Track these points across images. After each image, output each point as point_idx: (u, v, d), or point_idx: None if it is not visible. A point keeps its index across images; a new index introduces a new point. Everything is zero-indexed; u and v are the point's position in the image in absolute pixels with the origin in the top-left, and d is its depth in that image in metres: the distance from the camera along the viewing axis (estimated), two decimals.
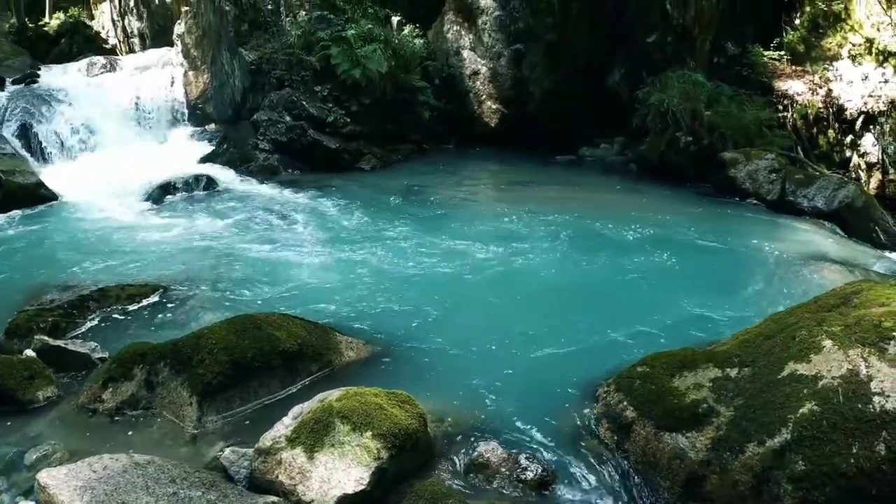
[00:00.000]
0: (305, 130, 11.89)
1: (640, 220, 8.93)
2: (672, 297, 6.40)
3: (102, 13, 21.41)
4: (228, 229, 8.52)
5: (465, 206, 9.60)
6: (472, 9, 13.38)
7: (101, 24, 21.43)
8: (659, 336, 5.41)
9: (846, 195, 10.08)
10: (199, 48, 13.87)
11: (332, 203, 9.61)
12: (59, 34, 19.96)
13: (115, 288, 6.23)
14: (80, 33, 20.18)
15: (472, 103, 13.64)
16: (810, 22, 12.60)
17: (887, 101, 11.56)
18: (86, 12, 22.10)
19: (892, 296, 4.06)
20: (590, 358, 5.08)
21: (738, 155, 10.98)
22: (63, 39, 19.72)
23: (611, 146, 13.17)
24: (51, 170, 11.51)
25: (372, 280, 6.71)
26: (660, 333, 5.48)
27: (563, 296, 6.50)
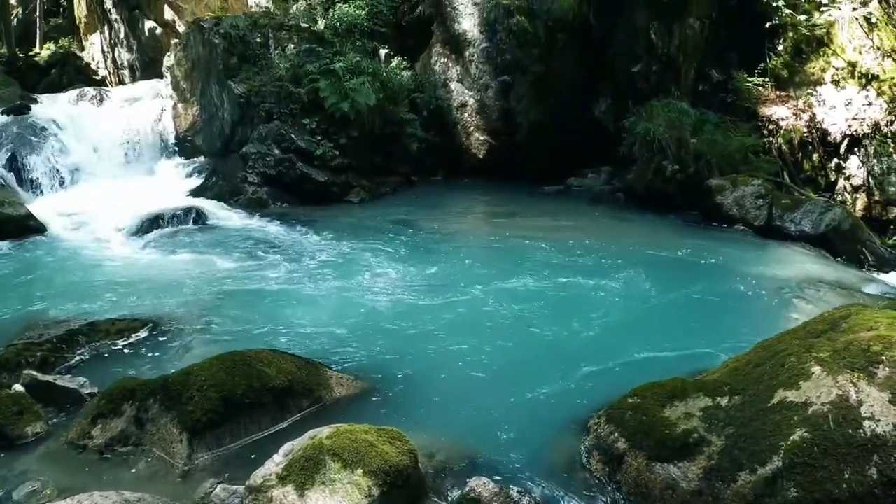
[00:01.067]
0: (294, 163, 11.91)
1: (628, 249, 8.96)
2: (661, 326, 6.41)
3: (93, 44, 21.53)
4: (218, 264, 8.49)
5: (454, 239, 9.61)
6: (460, 41, 13.50)
7: (91, 55, 21.54)
8: (649, 365, 5.41)
9: (833, 218, 10.16)
10: (188, 81, 13.92)
11: (321, 237, 9.60)
12: (49, 65, 20.05)
13: (104, 323, 6.22)
14: (70, 64, 20.28)
15: (460, 135, 13.70)
16: (793, 48, 12.73)
17: (871, 123, 11.67)
18: (76, 43, 22.23)
19: (880, 320, 4.09)
20: (580, 389, 5.07)
21: (724, 182, 11.06)
22: (53, 70, 19.81)
23: (598, 176, 13.25)
24: (40, 201, 11.51)
25: (362, 314, 6.70)
26: (650, 363, 5.49)
27: (552, 327, 6.49)
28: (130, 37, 20.09)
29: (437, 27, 13.86)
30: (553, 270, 8.07)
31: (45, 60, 20.32)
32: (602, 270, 8.11)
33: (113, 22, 20.52)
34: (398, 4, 14.00)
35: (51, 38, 22.57)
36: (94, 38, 21.50)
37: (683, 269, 8.29)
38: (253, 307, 6.91)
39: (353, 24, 13.58)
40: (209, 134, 13.51)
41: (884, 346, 3.79)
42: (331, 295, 7.26)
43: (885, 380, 3.58)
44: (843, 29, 12.16)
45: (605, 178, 13.14)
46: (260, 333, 6.20)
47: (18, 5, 24.12)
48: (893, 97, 11.54)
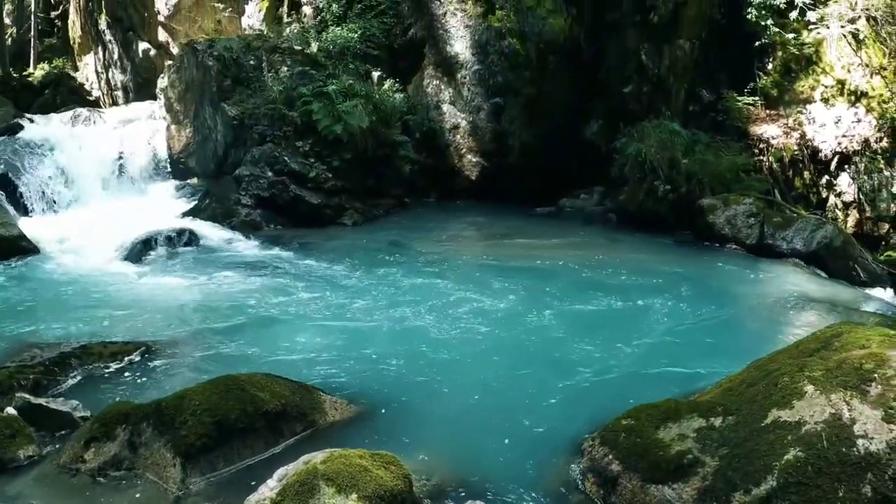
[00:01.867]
0: (287, 186, 11.92)
1: (620, 269, 8.99)
2: (654, 345, 6.42)
3: (87, 65, 21.58)
4: (210, 286, 8.48)
5: (447, 262, 9.60)
6: (452, 63, 13.58)
7: (85, 75, 21.59)
8: (643, 384, 5.42)
9: (824, 235, 10.22)
10: (181, 102, 13.95)
11: (314, 260, 9.58)
12: (43, 85, 20.04)
13: (97, 345, 6.18)
14: (64, 84, 20.28)
15: (453, 157, 13.75)
16: (782, 66, 12.85)
17: (860, 140, 11.78)
18: (70, 64, 22.27)
19: (871, 337, 4.11)
20: (574, 410, 5.07)
21: (716, 201, 11.12)
22: (47, 90, 19.79)
23: (590, 196, 13.31)
24: (32, 221, 11.45)
25: (355, 337, 6.69)
26: (643, 382, 5.49)
27: (545, 348, 6.49)
28: (124, 58, 20.17)
29: (430, 50, 13.95)
30: (545, 292, 8.09)
31: (39, 80, 20.33)
32: (594, 292, 8.12)
33: (107, 43, 20.61)
34: (390, 27, 14.08)
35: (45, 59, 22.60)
36: (88, 59, 21.57)
37: (676, 289, 8.30)
38: (246, 330, 6.89)
39: (346, 46, 13.64)
40: (202, 156, 13.52)
41: (876, 363, 3.80)
42: (324, 318, 7.25)
43: (878, 397, 3.59)
44: (832, 47, 12.28)
45: (597, 199, 13.20)
46: (253, 357, 6.18)
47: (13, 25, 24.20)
48: (882, 114, 11.65)
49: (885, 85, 11.79)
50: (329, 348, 6.39)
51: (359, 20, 14.01)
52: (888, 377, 3.69)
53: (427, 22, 13.88)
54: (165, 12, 18.01)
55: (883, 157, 11.68)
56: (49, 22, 24.57)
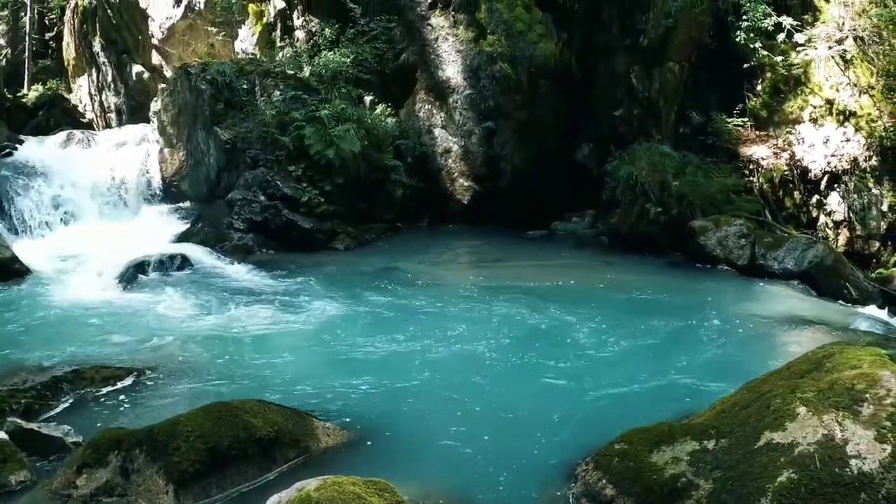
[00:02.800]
0: (280, 210, 11.93)
1: (613, 292, 9.01)
2: (647, 368, 6.43)
3: (80, 87, 21.62)
4: (203, 311, 8.46)
5: (439, 286, 9.58)
6: (443, 88, 13.66)
7: (78, 97, 21.63)
8: (635, 409, 5.41)
9: (815, 255, 10.28)
10: (174, 126, 13.99)
11: (306, 285, 9.55)
12: (36, 106, 20.04)
13: (89, 370, 6.16)
14: (57, 106, 20.29)
15: (445, 181, 13.78)
16: (771, 87, 12.96)
17: (850, 159, 11.86)
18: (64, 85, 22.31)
19: (863, 358, 4.13)
20: (568, 435, 5.06)
21: (707, 223, 11.17)
22: (41, 112, 19.79)
23: (582, 219, 13.35)
24: (25, 243, 11.45)
25: (348, 363, 6.67)
26: (636, 406, 5.49)
27: (538, 372, 6.48)
28: (118, 80, 20.23)
29: (421, 74, 14.03)
30: (538, 316, 8.10)
31: (33, 102, 20.34)
32: (587, 315, 8.12)
33: (101, 65, 20.67)
34: (383, 52, 14.16)
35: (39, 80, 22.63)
36: (82, 81, 21.62)
37: (669, 311, 8.32)
38: (238, 355, 6.88)
39: (338, 71, 13.71)
40: (195, 179, 13.54)
41: (868, 383, 3.82)
42: (317, 344, 7.23)
43: (870, 417, 3.61)
44: (820, 67, 12.40)
45: (589, 221, 13.24)
46: (246, 382, 6.16)
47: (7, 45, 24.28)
48: (871, 132, 11.74)
49: (873, 104, 11.90)
50: (322, 374, 6.37)
51: (351, 45, 14.08)
52: (880, 397, 3.71)
53: (419, 47, 13.98)
54: (159, 35, 18.11)
55: (872, 175, 11.76)
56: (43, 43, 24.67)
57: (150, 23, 18.24)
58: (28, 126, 18.26)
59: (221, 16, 16.08)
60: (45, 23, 24.74)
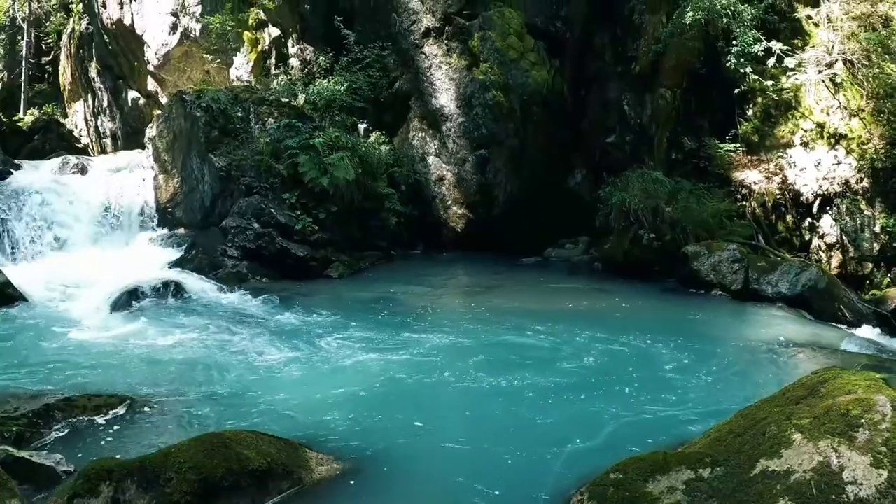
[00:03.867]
0: (274, 238, 11.93)
1: (607, 319, 9.00)
2: (642, 397, 6.39)
3: (76, 112, 21.75)
4: (197, 339, 8.41)
5: (433, 316, 9.54)
6: (437, 116, 13.74)
7: (74, 122, 21.76)
8: (630, 437, 5.37)
9: (809, 278, 10.30)
10: (169, 152, 14.02)
11: (300, 313, 9.51)
12: (32, 130, 20.17)
13: (82, 398, 6.09)
14: (53, 131, 20.42)
15: (439, 208, 13.82)
16: (762, 112, 13.07)
17: (841, 181, 11.94)
18: (60, 110, 22.47)
19: (858, 382, 4.12)
20: (562, 465, 5.02)
21: (700, 248, 11.20)
22: (36, 136, 19.91)
23: (575, 246, 13.40)
24: (19, 268, 11.41)
25: (341, 393, 6.62)
26: (631, 434, 5.45)
27: (533, 400, 6.44)
28: (113, 106, 20.36)
29: (415, 102, 14.13)
30: (532, 344, 8.07)
31: (29, 126, 20.48)
32: (581, 343, 8.11)
33: (97, 91, 20.82)
34: (377, 80, 14.27)
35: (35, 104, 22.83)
36: (78, 106, 21.75)
37: (662, 338, 8.29)
38: (232, 384, 6.82)
39: (333, 99, 13.80)
40: (190, 206, 13.55)
41: (863, 409, 3.81)
42: (310, 373, 7.18)
43: (866, 443, 3.60)
44: (810, 91, 12.51)
45: (583, 248, 13.29)
46: (239, 412, 6.11)
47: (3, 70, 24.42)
48: (862, 155, 11.83)
49: (863, 126, 12.00)
50: (315, 404, 6.32)
51: (345, 73, 14.19)
52: (875, 422, 3.70)
53: (413, 75, 14.09)
54: (155, 62, 18.19)
55: (864, 197, 11.83)
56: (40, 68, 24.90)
57: (146, 49, 18.34)
58: (24, 150, 18.37)
59: (217, 43, 16.17)
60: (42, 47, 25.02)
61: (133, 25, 18.35)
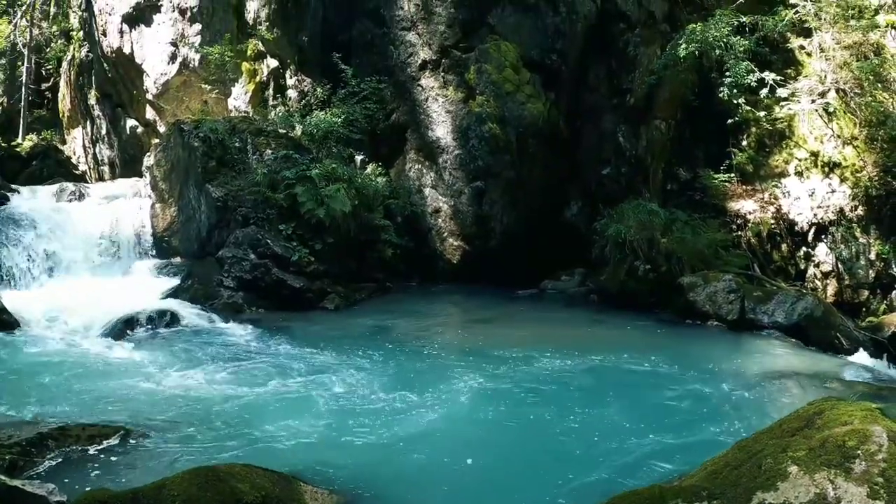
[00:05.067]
0: (270, 269, 11.91)
1: (604, 351, 8.95)
2: (638, 430, 6.37)
3: (75, 139, 21.83)
4: (191, 370, 8.37)
5: (430, 348, 9.48)
6: (433, 148, 13.80)
7: (72, 149, 21.83)
8: (626, 471, 5.35)
9: (805, 307, 10.31)
10: (167, 181, 14.04)
11: (296, 345, 9.45)
12: (30, 156, 20.28)
13: (75, 427, 6.05)
14: (51, 157, 20.54)
15: (435, 240, 13.82)
16: (756, 142, 13.16)
17: (836, 210, 12.00)
18: (58, 136, 22.57)
19: (854, 413, 4.12)
20: (557, 499, 4.98)
21: (696, 279, 11.21)
22: (34, 162, 20.03)
23: (571, 278, 13.39)
24: (13, 295, 11.37)
25: (337, 426, 6.57)
26: (627, 469, 5.43)
27: (530, 435, 6.41)
28: (112, 133, 20.44)
29: (412, 134, 14.20)
30: (529, 378, 8.02)
31: (27, 151, 20.58)
32: (577, 375, 8.09)
33: (95, 118, 20.91)
34: (373, 112, 14.34)
35: (34, 130, 22.95)
36: (77, 133, 21.84)
37: (658, 370, 8.29)
38: (226, 416, 6.79)
39: (330, 131, 13.86)
40: (186, 236, 13.55)
41: (859, 440, 3.80)
42: (305, 405, 7.14)
43: (862, 474, 3.59)
44: (804, 121, 12.62)
45: (579, 280, 13.29)
46: (233, 443, 6.08)
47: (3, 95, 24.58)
48: (856, 183, 11.90)
49: (857, 154, 12.09)
50: (310, 436, 6.29)
51: (342, 105, 14.27)
52: (871, 453, 3.69)
53: (409, 107, 14.18)
54: (154, 91, 18.31)
55: (859, 225, 11.89)
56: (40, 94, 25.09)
57: (145, 78, 18.47)
58: (21, 175, 18.48)
59: (215, 73, 16.29)
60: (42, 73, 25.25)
61: (133, 54, 18.49)
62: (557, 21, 13.78)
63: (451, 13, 13.83)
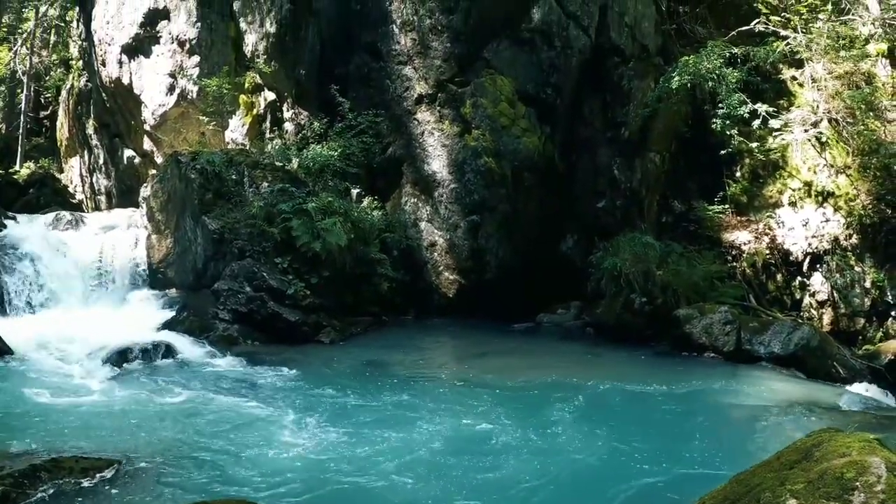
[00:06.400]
0: (265, 302, 11.88)
1: (600, 385, 8.93)
2: (636, 465, 6.34)
3: (72, 167, 21.84)
4: (186, 403, 8.32)
5: (425, 382, 9.42)
6: (429, 181, 13.84)
7: (69, 178, 21.83)
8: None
9: (801, 337, 10.34)
10: (163, 212, 14.03)
11: (290, 379, 9.39)
12: (27, 184, 20.27)
13: (69, 459, 6.02)
14: (48, 185, 20.54)
15: (431, 274, 13.78)
16: (750, 173, 13.27)
17: (830, 239, 12.07)
18: (56, 165, 22.61)
19: (852, 444, 4.10)
20: None
21: (692, 311, 11.22)
22: (31, 189, 20.01)
23: (567, 311, 13.36)
24: (8, 322, 11.35)
25: (331, 461, 6.52)
26: (625, 501, 5.38)
27: (522, 473, 6.33)
28: (109, 163, 20.45)
29: (408, 168, 14.24)
30: (525, 412, 7.98)
31: (24, 179, 20.59)
32: (573, 410, 8.04)
33: (93, 147, 20.93)
34: (370, 146, 14.40)
35: (31, 158, 23.03)
36: (74, 162, 21.85)
37: (655, 403, 8.27)
38: (220, 450, 6.74)
39: (326, 164, 13.88)
40: (182, 267, 13.51)
41: (857, 471, 3.78)
42: (300, 441, 7.07)
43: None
44: (797, 151, 12.75)
45: (575, 313, 13.26)
46: (226, 478, 6.04)
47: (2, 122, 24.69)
48: (850, 211, 11.97)
49: (850, 183, 12.19)
50: (304, 472, 6.23)
51: (339, 138, 14.31)
52: (870, 484, 3.67)
53: (405, 141, 14.24)
54: (152, 122, 18.36)
55: (853, 253, 11.95)
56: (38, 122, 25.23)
57: (143, 109, 18.53)
58: (18, 203, 18.45)
59: (213, 105, 16.35)
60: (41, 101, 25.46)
61: (131, 85, 18.57)
62: (552, 55, 13.93)
63: (447, 47, 13.96)
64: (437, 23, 13.96)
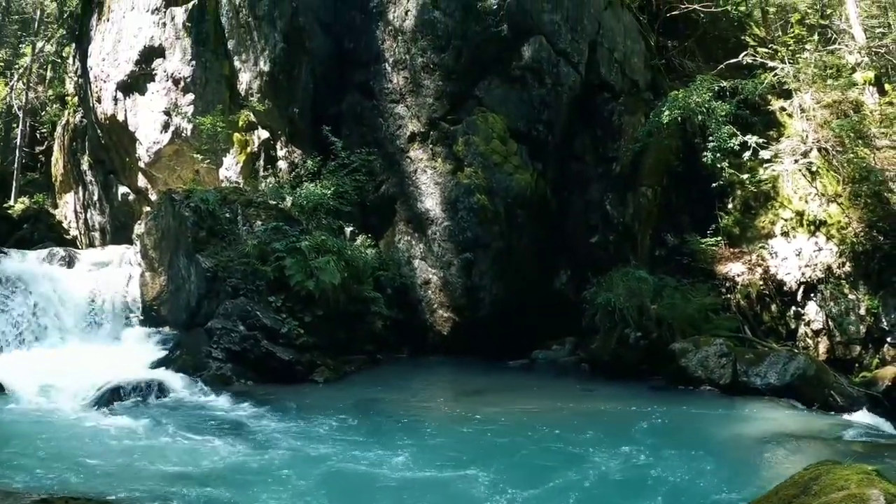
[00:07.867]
0: (259, 341, 11.80)
1: (595, 422, 8.88)
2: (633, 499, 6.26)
3: (66, 203, 21.84)
4: (177, 443, 8.22)
5: (419, 422, 9.34)
6: (422, 219, 13.86)
7: (64, 213, 21.82)
8: None
9: (797, 367, 10.34)
10: (157, 250, 14.01)
11: (283, 420, 9.25)
12: (22, 219, 20.23)
13: (59, 499, 5.90)
14: (42, 221, 20.50)
15: (425, 312, 13.74)
16: (742, 204, 13.34)
17: (824, 267, 12.09)
18: (50, 200, 22.59)
19: (850, 477, 4.09)
20: None
21: (687, 344, 11.21)
22: (26, 225, 19.96)
23: (562, 347, 13.33)
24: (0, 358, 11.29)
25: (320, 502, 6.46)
26: None
27: None
28: (104, 200, 20.46)
29: (401, 206, 14.28)
30: (521, 451, 7.93)
31: (18, 214, 20.56)
32: (570, 448, 7.98)
33: (88, 183, 20.96)
34: (363, 184, 14.44)
35: (26, 193, 23.04)
36: (69, 198, 21.86)
37: (652, 438, 8.20)
38: (211, 491, 6.65)
39: (320, 203, 13.92)
40: (175, 305, 13.46)
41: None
42: (293, 482, 6.98)
43: None
44: (788, 181, 12.83)
45: (570, 348, 13.23)
46: None
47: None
48: (842, 240, 12.01)
49: (841, 211, 12.23)
50: None
51: (332, 177, 14.36)
52: None
53: (398, 179, 14.31)
54: (146, 159, 18.40)
55: (847, 281, 11.95)
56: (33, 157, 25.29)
57: (137, 146, 18.57)
58: (12, 238, 18.39)
59: (207, 143, 16.41)
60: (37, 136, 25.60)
61: (126, 122, 18.63)
62: (543, 93, 14.08)
63: (439, 86, 14.10)
64: (429, 61, 14.12)
